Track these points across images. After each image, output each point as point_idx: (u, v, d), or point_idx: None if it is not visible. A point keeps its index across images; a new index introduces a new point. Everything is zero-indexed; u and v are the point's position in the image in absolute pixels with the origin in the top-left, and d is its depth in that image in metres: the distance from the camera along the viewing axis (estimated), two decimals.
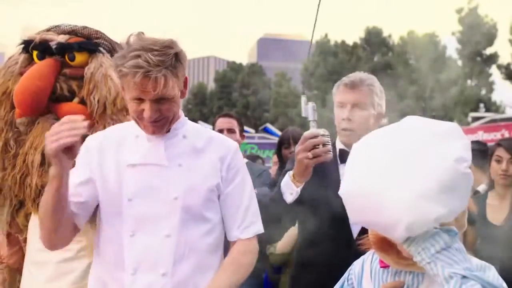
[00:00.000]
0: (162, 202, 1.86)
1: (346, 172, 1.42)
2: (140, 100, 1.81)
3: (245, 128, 17.45)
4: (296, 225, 2.68)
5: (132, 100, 1.83)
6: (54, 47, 2.41)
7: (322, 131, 2.12)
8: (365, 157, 1.38)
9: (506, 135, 13.89)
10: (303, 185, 2.17)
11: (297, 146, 2.13)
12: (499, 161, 3.42)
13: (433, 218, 1.26)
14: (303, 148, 2.08)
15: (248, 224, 1.99)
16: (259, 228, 2.02)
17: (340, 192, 1.42)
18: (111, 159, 1.93)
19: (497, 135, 14.20)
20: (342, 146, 2.40)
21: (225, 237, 2.03)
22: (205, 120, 30.93)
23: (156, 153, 1.90)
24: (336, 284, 1.69)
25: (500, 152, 3.43)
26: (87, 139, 2.01)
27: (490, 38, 32.63)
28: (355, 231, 2.28)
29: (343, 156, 2.34)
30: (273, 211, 2.20)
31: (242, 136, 3.81)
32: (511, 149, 3.40)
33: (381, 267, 1.51)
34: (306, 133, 2.12)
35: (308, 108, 2.16)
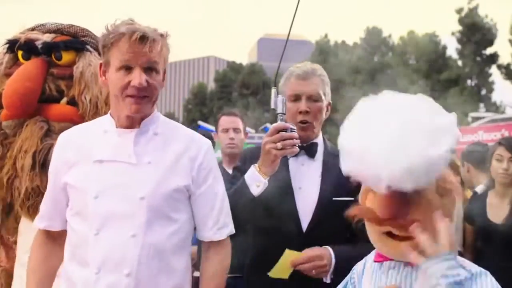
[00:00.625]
0: (128, 201, 1.80)
1: (347, 124, 1.44)
2: (128, 70, 1.78)
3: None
4: None
5: (119, 71, 1.79)
6: (40, 46, 2.36)
7: (290, 124, 2.10)
8: (370, 114, 1.40)
9: (506, 135, 13.88)
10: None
11: (264, 137, 2.10)
12: (499, 160, 3.42)
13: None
14: (272, 139, 2.06)
15: (222, 225, 1.96)
16: (231, 229, 2.00)
17: (339, 140, 1.43)
18: (78, 156, 1.88)
19: (497, 135, 14.17)
20: None
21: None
22: (205, 120, 30.91)
23: (124, 149, 1.84)
24: (339, 285, 1.68)
25: (501, 151, 3.43)
26: (58, 140, 1.99)
27: (490, 38, 32.64)
28: (304, 226, 2.23)
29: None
30: (237, 205, 2.12)
31: (246, 134, 3.80)
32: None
33: (375, 261, 1.52)
34: (275, 125, 2.09)
35: (277, 101, 2.13)
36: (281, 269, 2.13)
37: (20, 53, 2.39)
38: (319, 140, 2.37)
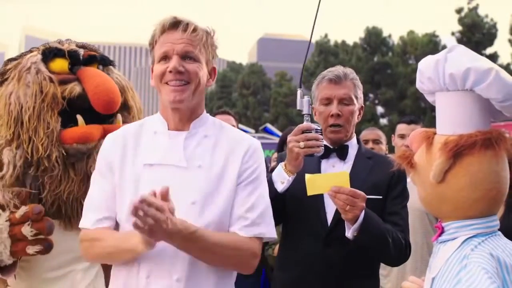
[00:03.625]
0: (179, 205, 1.71)
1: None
2: (167, 60, 1.81)
3: (245, 128, 17.33)
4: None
5: (158, 63, 1.83)
6: (99, 58, 2.47)
7: (316, 125, 2.17)
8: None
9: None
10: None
11: (289, 136, 2.17)
12: None
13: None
14: (296, 138, 2.13)
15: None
16: None
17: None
18: (129, 158, 1.84)
19: None
20: (325, 143, 2.36)
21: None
22: None
23: (175, 152, 1.82)
24: None
25: None
26: (106, 140, 1.95)
27: (490, 38, 32.63)
28: (329, 221, 2.30)
29: (325, 152, 2.32)
30: None
31: None
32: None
33: (432, 241, 1.48)
34: (300, 125, 2.17)
35: (303, 102, 2.19)
36: (322, 185, 2.10)
37: (66, 62, 2.36)
38: (352, 142, 2.44)
